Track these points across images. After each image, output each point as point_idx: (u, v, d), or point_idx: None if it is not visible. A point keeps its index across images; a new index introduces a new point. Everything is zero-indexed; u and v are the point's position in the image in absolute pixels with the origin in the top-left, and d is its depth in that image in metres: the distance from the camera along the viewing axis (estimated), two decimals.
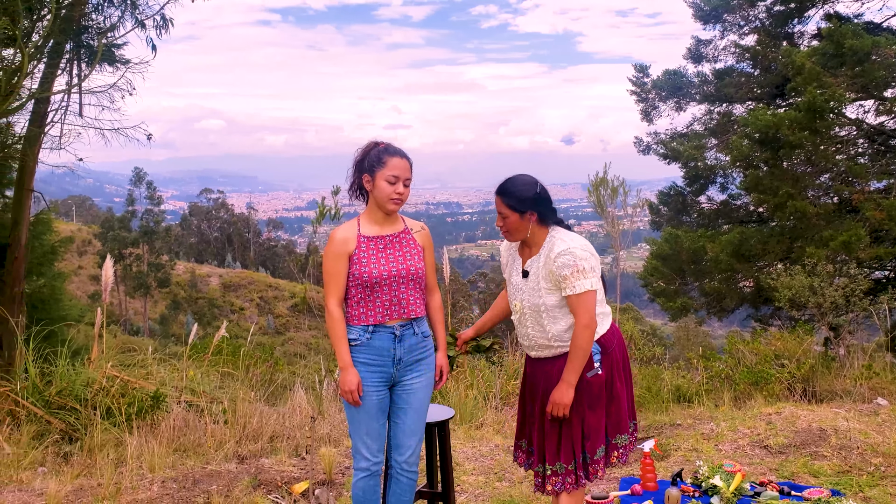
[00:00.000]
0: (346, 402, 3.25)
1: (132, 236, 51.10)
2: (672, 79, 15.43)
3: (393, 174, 3.19)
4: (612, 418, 3.32)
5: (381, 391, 3.27)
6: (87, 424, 5.43)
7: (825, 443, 5.06)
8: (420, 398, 3.33)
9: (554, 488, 3.31)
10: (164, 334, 42.25)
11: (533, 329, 3.31)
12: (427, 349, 3.36)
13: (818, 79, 11.59)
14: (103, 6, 8.06)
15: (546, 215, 3.28)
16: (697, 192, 15.45)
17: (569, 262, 3.16)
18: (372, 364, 3.23)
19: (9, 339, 7.89)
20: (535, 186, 3.26)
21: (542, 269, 3.24)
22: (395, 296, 3.23)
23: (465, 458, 5.21)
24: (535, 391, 3.38)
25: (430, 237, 3.42)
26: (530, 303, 3.29)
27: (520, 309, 3.34)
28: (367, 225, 3.30)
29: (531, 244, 3.32)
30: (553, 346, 3.28)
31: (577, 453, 3.27)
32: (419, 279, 3.29)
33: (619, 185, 5.10)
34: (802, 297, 8.94)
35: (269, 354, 8.95)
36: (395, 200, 3.22)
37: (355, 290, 3.22)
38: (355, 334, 3.23)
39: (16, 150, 8.12)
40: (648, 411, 6.87)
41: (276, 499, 4.34)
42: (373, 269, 3.20)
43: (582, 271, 3.15)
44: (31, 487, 4.45)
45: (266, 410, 5.99)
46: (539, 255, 3.27)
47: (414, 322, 3.30)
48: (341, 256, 3.22)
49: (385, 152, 3.23)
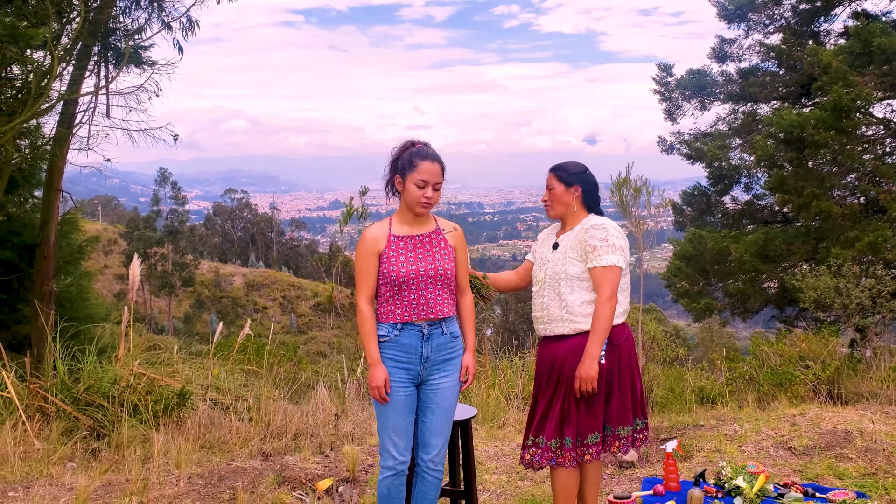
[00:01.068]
0: (373, 400, 3.29)
1: (157, 236, 51.62)
2: (696, 78, 15.35)
3: (422, 178, 3.22)
4: (616, 409, 3.42)
5: (409, 388, 3.30)
6: (114, 421, 5.51)
7: (850, 445, 5.01)
8: (447, 398, 3.35)
9: (532, 459, 3.42)
10: (188, 333, 42.61)
11: (549, 298, 3.42)
12: (456, 349, 3.36)
13: (845, 77, 11.48)
14: (130, 9, 8.19)
15: (590, 196, 3.49)
16: (721, 192, 15.35)
17: (600, 235, 3.33)
18: (399, 361, 3.26)
19: (38, 337, 8.03)
20: (586, 168, 3.51)
21: (573, 239, 3.40)
22: (422, 295, 3.25)
23: (487, 457, 5.23)
24: (541, 374, 3.49)
25: (462, 238, 3.43)
26: (553, 271, 3.42)
27: (542, 279, 3.47)
28: (398, 224, 3.33)
29: (569, 222, 3.48)
30: (565, 319, 3.37)
31: (565, 434, 3.36)
32: (448, 280, 3.31)
33: (643, 184, 5.06)
34: (828, 298, 8.86)
35: (292, 353, 9.04)
36: (423, 204, 3.25)
37: (385, 289, 3.26)
38: (384, 331, 3.27)
39: (45, 152, 8.26)
40: (671, 412, 6.85)
41: (301, 496, 4.38)
42: (401, 269, 3.22)
43: (612, 246, 3.31)
44: (62, 482, 4.53)
45: (290, 408, 6.04)
46: (573, 230, 3.44)
47: (443, 322, 3.31)
48: (371, 255, 3.26)
49: (417, 155, 3.25)
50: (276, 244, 74.76)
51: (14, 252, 9.01)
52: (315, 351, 33.30)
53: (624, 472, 5.01)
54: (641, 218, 5.04)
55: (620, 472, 5.04)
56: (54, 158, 8.17)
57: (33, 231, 8.96)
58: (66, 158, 8.33)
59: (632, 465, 5.13)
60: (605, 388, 3.38)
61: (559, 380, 3.40)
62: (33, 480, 4.56)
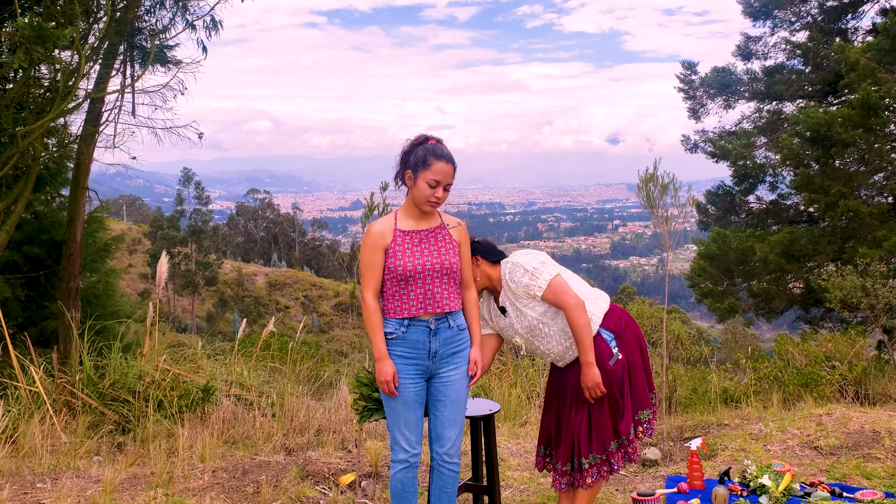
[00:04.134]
0: (383, 394, 3.29)
1: (181, 235, 52.09)
2: (721, 76, 15.22)
3: (435, 178, 3.20)
4: (635, 396, 3.46)
5: (418, 383, 3.30)
6: (139, 416, 5.57)
7: (879, 445, 4.94)
8: (458, 389, 3.34)
9: (593, 480, 3.42)
10: (210, 332, 42.96)
11: (545, 346, 3.49)
12: (464, 342, 3.36)
13: (873, 75, 11.33)
14: (156, 9, 8.26)
15: (488, 253, 3.58)
16: (746, 191, 15.20)
17: (519, 272, 3.43)
18: (408, 357, 3.26)
19: (65, 333, 8.13)
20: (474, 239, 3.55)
21: (510, 294, 3.49)
22: (428, 290, 3.24)
23: (509, 454, 5.22)
24: (563, 392, 3.52)
25: (466, 233, 3.43)
26: (523, 327, 3.49)
27: (522, 342, 3.54)
28: (403, 219, 3.33)
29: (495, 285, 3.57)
30: (570, 346, 3.45)
31: (608, 440, 3.39)
32: (454, 274, 3.30)
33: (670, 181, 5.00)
34: (854, 298, 8.73)
35: (315, 350, 9.07)
36: (432, 203, 3.24)
37: (390, 284, 3.26)
38: (391, 328, 3.27)
39: (71, 150, 8.36)
40: (695, 412, 6.80)
41: (324, 490, 4.40)
42: (407, 263, 3.22)
43: (533, 270, 3.41)
44: (88, 474, 4.58)
45: (313, 405, 6.07)
46: (502, 289, 3.53)
47: (449, 316, 3.30)
48: (377, 249, 3.25)
49: (432, 154, 3.23)
50: (298, 244, 75.14)
51: (42, 249, 9.13)
52: (336, 350, 33.41)
53: (647, 471, 4.98)
54: (670, 216, 4.99)
55: (644, 470, 5.01)
56: (81, 156, 8.27)
57: (60, 229, 9.08)
58: (93, 156, 8.42)
59: (655, 463, 5.10)
60: (628, 379, 3.43)
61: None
62: (60, 473, 4.61)
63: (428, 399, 3.37)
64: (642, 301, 10.52)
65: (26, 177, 7.51)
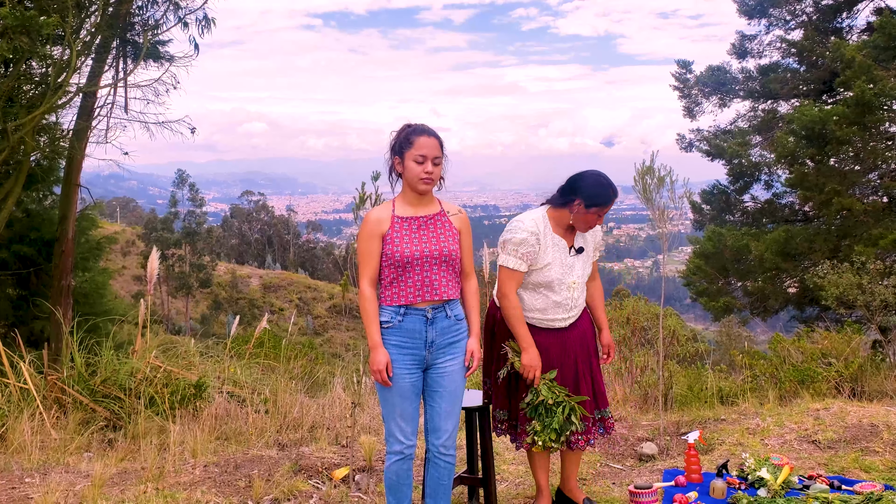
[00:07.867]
0: (378, 385, 3.23)
1: (175, 237, 51.98)
2: (716, 75, 15.22)
3: (420, 153, 3.17)
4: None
5: (414, 374, 3.24)
6: (130, 412, 5.50)
7: (877, 438, 4.90)
8: (454, 381, 3.29)
9: (608, 432, 3.82)
10: (205, 334, 42.79)
11: (580, 293, 3.74)
12: (461, 332, 3.31)
13: (868, 72, 11.32)
14: (148, 4, 8.19)
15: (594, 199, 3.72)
16: (741, 190, 15.21)
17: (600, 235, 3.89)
18: (404, 346, 3.21)
19: (56, 330, 8.04)
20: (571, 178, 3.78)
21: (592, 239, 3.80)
22: (426, 277, 3.19)
23: (504, 448, 5.16)
24: (569, 352, 3.70)
25: (467, 221, 3.38)
26: (584, 272, 3.74)
27: (577, 284, 3.70)
28: (401, 206, 3.28)
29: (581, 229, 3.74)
30: (581, 305, 3.79)
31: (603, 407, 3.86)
32: (453, 261, 3.25)
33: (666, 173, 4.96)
34: (850, 296, 8.71)
35: (309, 349, 9.02)
36: (424, 180, 3.18)
37: (388, 271, 3.20)
38: (387, 316, 3.21)
39: (63, 147, 8.27)
40: (691, 408, 6.75)
41: (317, 484, 4.34)
42: (405, 249, 3.17)
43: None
44: (78, 469, 4.52)
45: (306, 401, 6.01)
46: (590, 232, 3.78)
47: (446, 305, 3.25)
48: (375, 236, 3.20)
49: (413, 132, 3.21)
50: (292, 246, 75.05)
51: (33, 247, 9.03)
52: (331, 352, 33.32)
53: (644, 465, 4.93)
54: (666, 208, 4.95)
55: (641, 464, 4.96)
56: (73, 151, 8.18)
57: (52, 227, 8.99)
58: (85, 152, 8.34)
59: (652, 458, 5.04)
60: None
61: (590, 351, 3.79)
62: (50, 468, 4.55)
63: (424, 390, 3.32)
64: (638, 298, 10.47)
65: (17, 173, 7.43)
